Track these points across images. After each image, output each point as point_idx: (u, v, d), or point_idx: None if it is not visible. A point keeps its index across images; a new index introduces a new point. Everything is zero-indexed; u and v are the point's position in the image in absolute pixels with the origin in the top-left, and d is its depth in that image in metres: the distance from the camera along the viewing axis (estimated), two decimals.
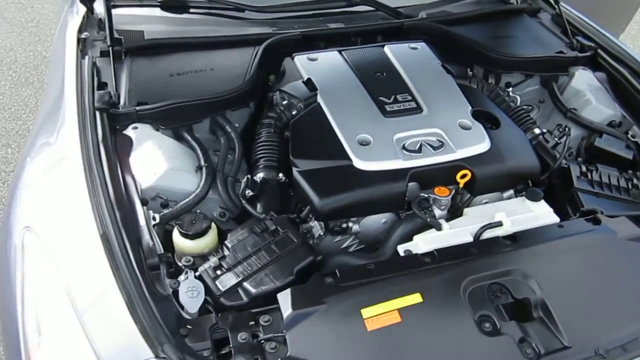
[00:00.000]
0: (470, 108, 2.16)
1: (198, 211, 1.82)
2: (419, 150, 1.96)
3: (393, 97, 2.15)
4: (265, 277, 1.64)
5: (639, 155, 2.28)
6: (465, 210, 1.92)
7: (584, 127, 2.35)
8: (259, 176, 1.95)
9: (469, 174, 1.93)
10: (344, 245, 1.98)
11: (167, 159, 1.91)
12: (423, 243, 1.76)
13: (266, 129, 2.10)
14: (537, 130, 2.24)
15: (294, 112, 2.16)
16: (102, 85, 2.09)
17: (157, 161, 1.89)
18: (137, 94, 2.10)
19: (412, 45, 2.47)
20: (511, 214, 1.85)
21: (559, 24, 2.72)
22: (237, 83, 2.17)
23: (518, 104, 2.44)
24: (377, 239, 1.96)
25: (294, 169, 1.92)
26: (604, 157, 2.26)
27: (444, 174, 1.94)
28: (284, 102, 2.18)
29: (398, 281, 1.61)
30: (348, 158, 1.92)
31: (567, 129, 2.22)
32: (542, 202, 1.92)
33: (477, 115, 2.17)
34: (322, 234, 1.90)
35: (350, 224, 1.92)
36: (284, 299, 1.53)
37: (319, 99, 2.13)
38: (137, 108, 2.01)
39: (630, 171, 2.19)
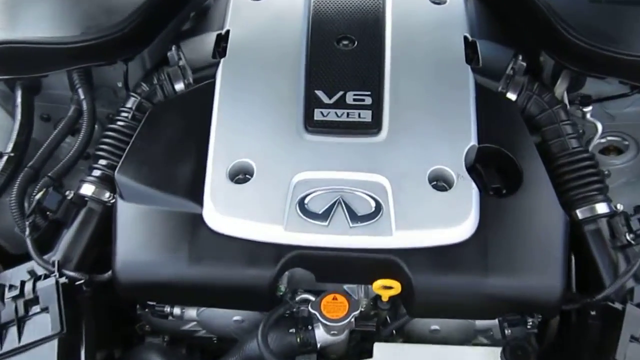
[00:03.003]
0: (473, 142, 1.18)
1: None
2: (326, 215, 1.07)
3: (341, 93, 1.22)
4: None
5: None
6: (376, 346, 1.05)
7: None
8: (72, 192, 1.22)
9: (397, 287, 1.04)
10: (187, 327, 1.25)
11: None
12: None
13: (125, 109, 1.32)
14: (600, 207, 1.19)
15: (177, 88, 1.33)
16: None
17: None
18: None
19: None
20: None
21: None
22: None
23: (595, 141, 1.36)
24: (232, 336, 1.20)
25: (118, 199, 1.18)
26: None
27: (349, 270, 1.08)
28: (169, 70, 1.35)
29: None
30: (199, 201, 1.12)
31: None
32: None
33: (483, 158, 1.19)
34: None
35: (177, 310, 1.17)
36: None
37: (218, 76, 1.28)
38: None
39: None
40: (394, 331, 1.15)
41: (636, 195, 1.34)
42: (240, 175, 1.13)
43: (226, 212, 1.08)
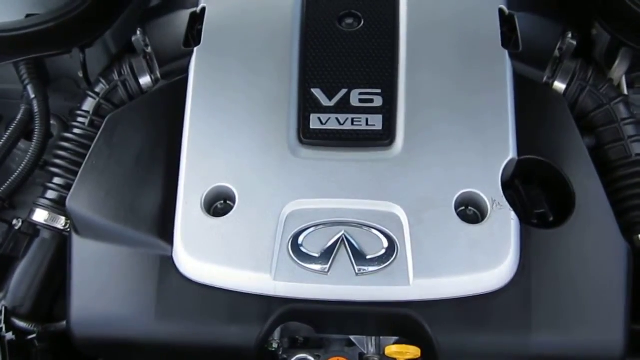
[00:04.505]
0: (512, 155, 0.93)
1: None
2: (325, 258, 0.85)
3: (344, 91, 0.98)
4: None
5: None
6: None
7: None
8: (21, 220, 1.01)
9: (414, 352, 0.83)
10: None
11: None
12: None
13: (82, 113, 1.08)
14: None
15: (142, 83, 1.08)
16: None
17: None
18: None
19: None
20: None
21: None
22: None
23: None
24: None
25: (73, 234, 0.96)
26: None
27: (360, 326, 0.88)
28: (132, 61, 1.09)
29: None
30: (168, 240, 0.90)
31: None
32: None
33: (524, 174, 0.95)
34: None
35: None
36: None
37: (191, 71, 1.03)
38: None
39: None
40: None
41: None
42: (219, 204, 0.91)
43: (201, 255, 0.86)
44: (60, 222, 1.02)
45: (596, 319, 0.86)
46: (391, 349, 0.84)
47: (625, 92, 1.14)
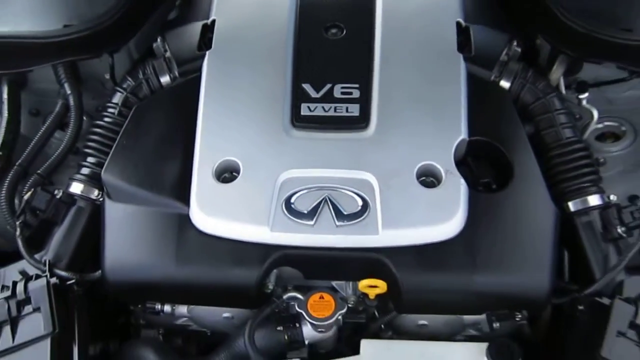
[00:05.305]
0: (463, 136, 1.15)
1: None
2: (312, 214, 1.07)
3: (329, 86, 1.20)
4: None
5: None
6: (365, 344, 1.05)
7: None
8: (61, 190, 1.22)
9: (382, 286, 1.03)
10: (179, 322, 1.26)
11: None
12: None
13: (112, 105, 1.30)
14: (593, 200, 1.17)
15: (162, 81, 1.30)
16: None
17: None
18: None
19: None
20: None
21: None
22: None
23: (591, 128, 1.32)
24: (224, 330, 1.22)
25: (106, 199, 1.17)
26: None
27: (335, 269, 1.08)
28: (154, 63, 1.32)
29: None
30: (186, 202, 1.11)
31: None
32: None
33: (474, 151, 1.17)
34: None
35: (168, 308, 1.18)
36: None
37: (203, 70, 1.26)
38: None
39: None
40: (383, 325, 1.16)
41: (632, 185, 1.30)
42: (227, 174, 1.12)
43: (212, 213, 1.08)
44: (94, 193, 1.22)
45: (528, 265, 1.07)
46: (363, 283, 1.04)
47: (563, 91, 1.36)
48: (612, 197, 1.18)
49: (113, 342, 1.26)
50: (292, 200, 1.07)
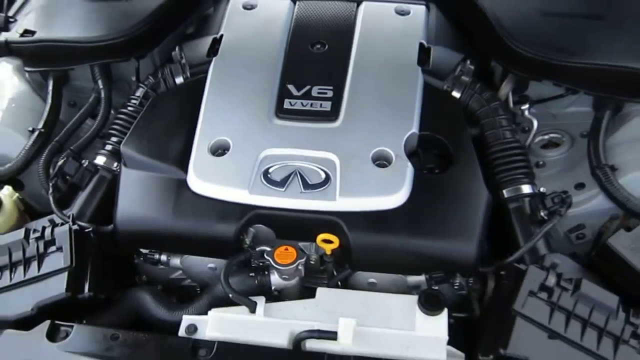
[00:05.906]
0: (414, 130, 1.40)
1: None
2: (283, 182, 1.32)
3: (308, 87, 1.47)
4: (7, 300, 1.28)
5: None
6: (319, 290, 1.28)
7: (615, 202, 1.39)
8: (87, 161, 1.50)
9: (335, 241, 1.26)
10: (174, 276, 1.50)
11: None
12: (213, 326, 1.20)
13: (134, 97, 1.59)
14: (524, 189, 1.39)
15: (177, 81, 1.60)
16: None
17: None
18: (34, 20, 1.72)
19: (403, 7, 1.67)
20: (377, 321, 1.18)
21: None
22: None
23: (532, 134, 1.56)
24: (209, 282, 1.45)
25: (122, 167, 1.44)
26: (614, 268, 1.31)
27: (300, 228, 1.30)
28: (171, 66, 1.61)
29: None
30: (185, 170, 1.37)
31: (566, 198, 1.35)
32: (442, 318, 1.19)
33: (423, 144, 1.41)
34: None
35: (164, 257, 1.42)
36: None
37: (209, 72, 1.55)
38: (8, 38, 1.66)
39: None
40: (339, 283, 1.37)
41: (566, 182, 1.51)
42: (220, 150, 1.39)
43: (204, 178, 1.34)
44: (114, 165, 1.50)
45: (458, 234, 1.28)
46: (320, 238, 1.27)
47: (511, 104, 1.61)
48: (542, 189, 1.40)
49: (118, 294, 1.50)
50: (270, 171, 1.33)
